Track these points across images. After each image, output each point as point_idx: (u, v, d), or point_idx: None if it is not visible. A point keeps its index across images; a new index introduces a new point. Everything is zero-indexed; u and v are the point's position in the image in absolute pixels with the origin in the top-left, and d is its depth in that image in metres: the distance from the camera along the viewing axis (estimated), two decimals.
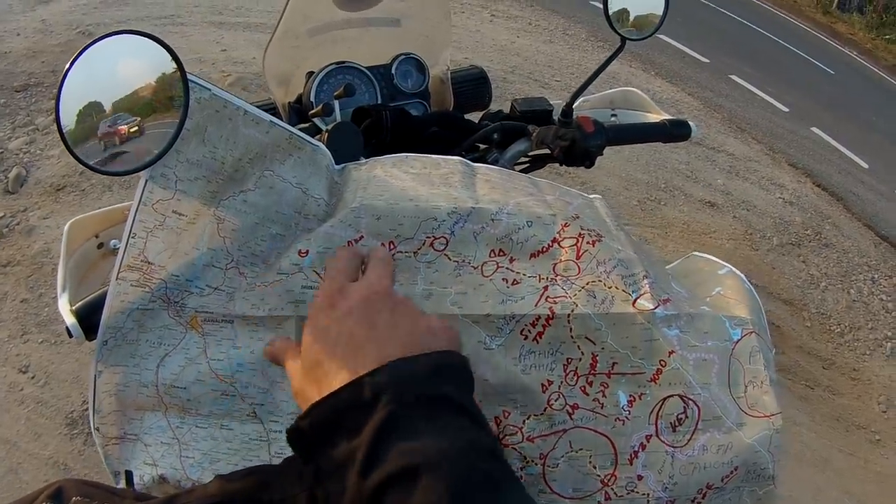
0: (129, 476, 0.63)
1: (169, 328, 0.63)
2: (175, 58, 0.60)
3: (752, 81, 7.40)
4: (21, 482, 1.94)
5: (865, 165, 6.55)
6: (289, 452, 0.61)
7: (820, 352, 3.58)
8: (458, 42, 5.33)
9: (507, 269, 0.65)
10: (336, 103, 0.97)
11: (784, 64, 9.11)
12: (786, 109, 7.07)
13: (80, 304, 0.68)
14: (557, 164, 1.07)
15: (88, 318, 0.66)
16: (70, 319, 0.66)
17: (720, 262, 0.80)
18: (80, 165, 0.59)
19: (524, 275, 0.65)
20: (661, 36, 7.59)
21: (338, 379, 0.44)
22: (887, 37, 13.19)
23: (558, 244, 0.66)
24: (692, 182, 4.59)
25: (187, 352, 0.63)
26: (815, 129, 6.90)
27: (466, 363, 0.47)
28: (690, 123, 1.20)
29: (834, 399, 3.33)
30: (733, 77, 7.38)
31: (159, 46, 0.60)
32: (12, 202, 2.89)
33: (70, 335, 0.66)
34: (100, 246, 0.84)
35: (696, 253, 0.84)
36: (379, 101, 1.13)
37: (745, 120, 6.21)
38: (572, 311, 0.62)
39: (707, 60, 7.49)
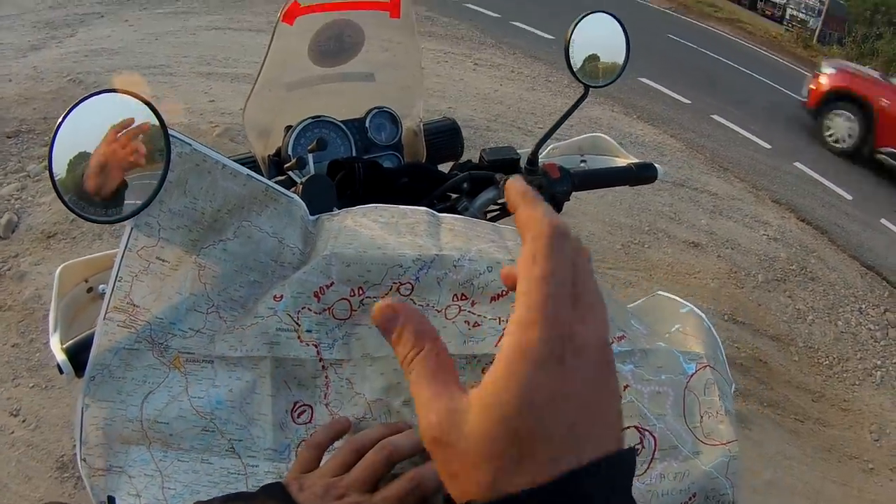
0: (111, 502, 0.65)
1: (153, 367, 0.65)
2: (157, 114, 0.64)
3: (734, 120, 7.49)
4: None
5: (849, 197, 6.61)
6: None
7: (809, 385, 3.58)
8: (441, 91, 5.40)
9: (468, 312, 0.68)
10: (310, 157, 1.01)
11: (766, 100, 9.24)
12: (768, 146, 7.16)
13: (70, 342, 0.72)
14: None
15: (77, 355, 0.70)
16: (61, 356, 0.71)
17: (682, 301, 0.83)
18: (71, 213, 0.63)
19: (485, 317, 0.68)
20: (642, 79, 7.72)
21: (546, 469, 0.32)
22: (869, 66, 13.46)
23: None
24: (676, 223, 4.63)
25: (170, 389, 0.65)
26: (797, 164, 6.99)
27: None
28: (656, 166, 1.24)
29: (825, 431, 3.33)
30: (715, 117, 7.47)
31: (143, 104, 0.64)
32: (3, 248, 2.93)
33: (61, 371, 0.70)
34: (89, 290, 0.88)
35: (661, 292, 0.87)
36: (353, 154, 1.17)
37: (727, 159, 6.29)
38: None
39: (688, 101, 7.59)
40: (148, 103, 0.64)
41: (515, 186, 0.41)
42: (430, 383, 0.37)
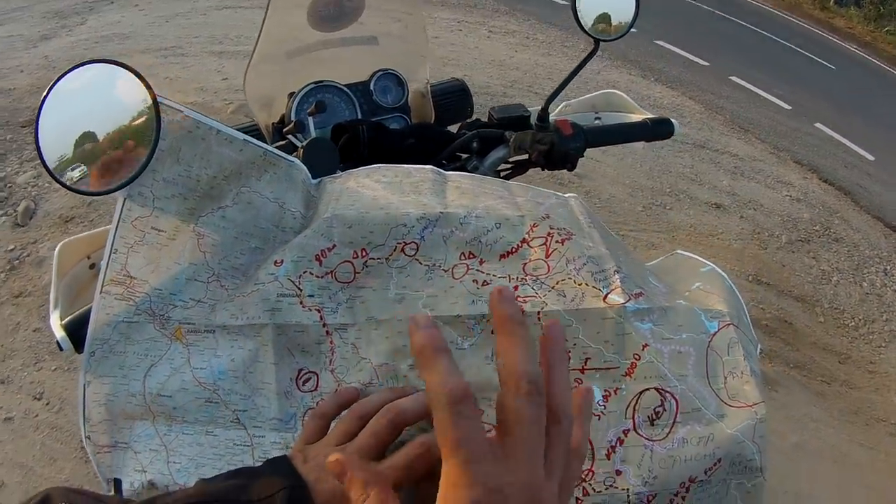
0: (117, 484, 0.64)
1: (154, 340, 0.64)
2: (145, 83, 0.62)
3: (753, 82, 7.39)
4: None
5: (871, 157, 6.51)
6: (271, 456, 0.63)
7: (835, 346, 3.54)
8: (456, 60, 5.36)
9: (476, 270, 0.66)
10: (310, 120, 0.99)
11: (784, 62, 9.09)
12: (788, 107, 7.05)
13: (68, 318, 0.71)
14: (565, 175, 1.08)
15: (77, 331, 0.69)
16: (59, 333, 0.70)
17: (703, 260, 0.80)
18: (88, 197, 0.62)
19: (494, 276, 0.65)
20: (659, 41, 7.62)
21: None
22: (886, 28, 13.14)
23: (527, 244, 0.67)
24: (697, 185, 4.58)
25: (172, 362, 0.64)
26: (818, 125, 6.88)
27: None
28: (672, 121, 1.21)
29: (851, 393, 3.30)
30: (734, 78, 7.38)
31: (131, 74, 0.63)
32: (22, 235, 2.94)
33: (61, 348, 0.70)
34: (91, 266, 0.87)
35: (680, 251, 0.84)
36: (359, 118, 1.15)
37: (747, 120, 6.21)
38: (542, 308, 0.63)
39: (707, 63, 7.49)
40: (135, 72, 0.63)
41: (419, 341, 0.41)
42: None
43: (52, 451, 2.14)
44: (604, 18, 1.06)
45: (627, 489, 0.62)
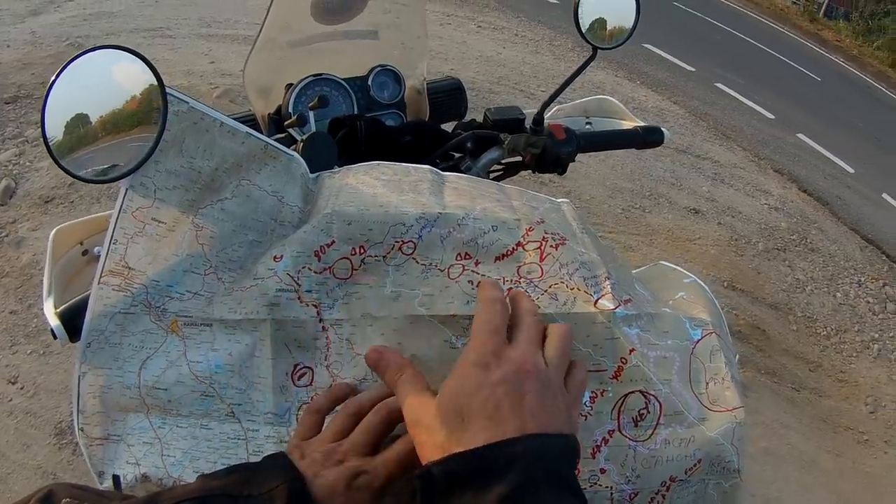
0: (116, 480, 0.65)
1: (150, 332, 0.65)
2: (154, 72, 0.62)
3: (738, 89, 7.46)
4: (11, 491, 1.96)
5: (851, 170, 6.61)
6: (265, 450, 0.64)
7: (806, 355, 3.61)
8: (443, 54, 5.36)
9: (472, 271, 0.67)
10: (311, 114, 0.99)
11: (771, 72, 9.20)
12: (772, 116, 7.14)
13: (64, 307, 0.70)
14: (546, 175, 1.09)
15: (72, 320, 0.68)
16: (54, 322, 0.69)
17: (685, 272, 0.82)
18: (69, 177, 0.62)
19: (489, 277, 0.67)
20: (647, 45, 7.66)
21: (477, 438, 0.46)
22: (875, 44, 13.31)
23: (522, 247, 0.69)
24: (677, 189, 4.62)
25: (168, 354, 0.65)
26: (800, 136, 6.97)
27: (580, 449, 0.52)
28: (663, 130, 1.23)
29: (821, 401, 3.36)
30: (719, 85, 7.45)
31: (140, 61, 0.62)
32: (1, 214, 2.91)
33: (55, 336, 0.69)
34: (84, 253, 0.86)
35: (663, 262, 0.86)
36: (356, 112, 1.15)
37: (730, 127, 6.27)
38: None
39: (693, 69, 7.55)
40: (144, 59, 0.62)
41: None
42: (410, 391, 0.54)
43: (26, 436, 2.12)
44: (603, 25, 1.05)
45: (611, 487, 0.63)
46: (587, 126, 1.26)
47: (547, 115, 1.18)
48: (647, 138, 1.19)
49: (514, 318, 0.57)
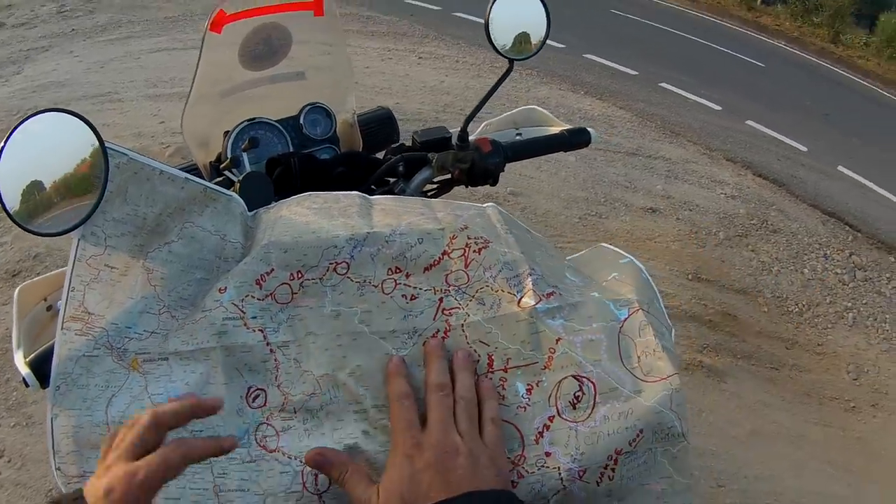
0: None
1: (114, 371, 0.67)
2: (92, 128, 0.67)
3: (682, 86, 7.57)
4: None
5: (804, 148, 6.74)
6: (228, 471, 0.66)
7: (781, 333, 3.66)
8: (387, 88, 5.40)
9: (404, 284, 0.71)
10: (244, 156, 1.03)
11: (714, 64, 9.35)
12: (718, 108, 7.25)
13: (32, 355, 0.75)
14: (497, 193, 1.12)
15: (41, 367, 0.74)
16: (25, 370, 0.74)
17: (623, 253, 0.86)
18: (32, 247, 0.66)
19: (420, 289, 0.71)
20: (588, 55, 7.78)
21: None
22: (816, 20, 13.59)
23: (448, 256, 0.73)
24: (631, 192, 4.67)
25: (131, 390, 0.67)
26: (749, 122, 7.10)
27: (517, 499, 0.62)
28: (589, 130, 1.28)
29: (802, 376, 3.41)
30: (663, 85, 7.54)
31: (79, 120, 0.67)
32: None
33: (27, 384, 0.74)
34: (48, 308, 0.92)
35: (604, 244, 0.90)
36: (290, 150, 1.19)
37: (678, 124, 6.35)
38: (465, 320, 0.70)
39: (636, 73, 7.64)
40: (83, 118, 0.67)
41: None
42: (356, 486, 0.62)
43: None
44: (517, 38, 1.07)
45: (558, 467, 0.66)
46: (517, 137, 1.29)
47: (476, 132, 1.22)
48: (574, 140, 1.24)
49: (425, 397, 0.67)
